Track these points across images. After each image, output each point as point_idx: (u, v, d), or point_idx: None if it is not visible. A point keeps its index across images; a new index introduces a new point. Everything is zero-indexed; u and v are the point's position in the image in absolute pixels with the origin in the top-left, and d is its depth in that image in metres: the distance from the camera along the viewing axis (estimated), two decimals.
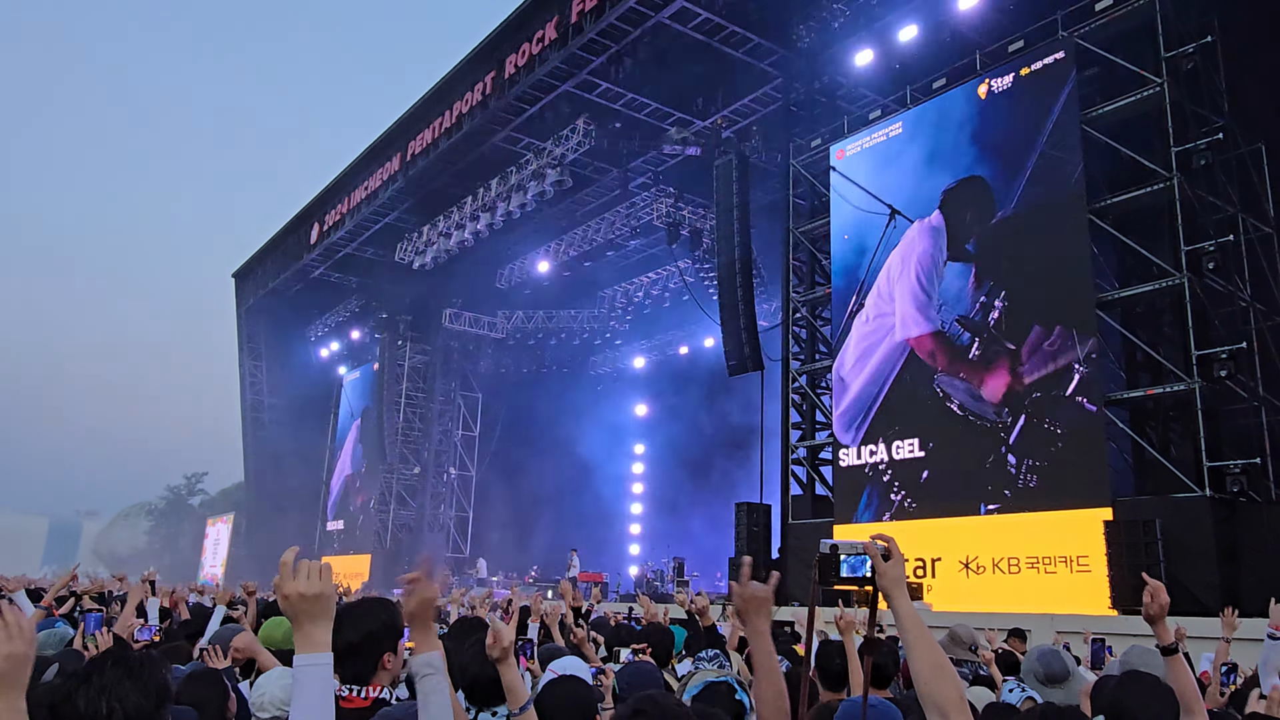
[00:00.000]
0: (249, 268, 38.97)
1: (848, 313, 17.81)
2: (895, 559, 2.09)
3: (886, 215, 17.40)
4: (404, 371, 33.29)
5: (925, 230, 16.67)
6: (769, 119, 21.12)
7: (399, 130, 27.25)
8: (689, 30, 18.99)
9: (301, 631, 1.94)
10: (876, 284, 17.38)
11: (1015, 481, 14.44)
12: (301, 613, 1.95)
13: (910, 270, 16.78)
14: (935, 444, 15.86)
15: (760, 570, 17.90)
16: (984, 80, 16.21)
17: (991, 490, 14.74)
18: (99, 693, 1.89)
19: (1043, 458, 14.13)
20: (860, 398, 17.29)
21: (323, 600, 1.97)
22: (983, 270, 15.62)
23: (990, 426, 14.98)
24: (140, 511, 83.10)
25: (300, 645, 1.93)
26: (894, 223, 17.25)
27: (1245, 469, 12.33)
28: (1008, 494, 14.50)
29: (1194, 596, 11.80)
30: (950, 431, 15.63)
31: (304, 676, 1.91)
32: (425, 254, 27.88)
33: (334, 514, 36.80)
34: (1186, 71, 13.72)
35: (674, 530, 27.31)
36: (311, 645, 1.93)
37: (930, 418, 15.97)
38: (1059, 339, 14.19)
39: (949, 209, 16.34)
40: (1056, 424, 14.02)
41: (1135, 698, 2.77)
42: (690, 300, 24.56)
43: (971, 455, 15.14)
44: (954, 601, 14.35)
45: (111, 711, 1.88)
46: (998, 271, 15.36)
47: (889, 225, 17.33)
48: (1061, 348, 14.14)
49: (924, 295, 16.46)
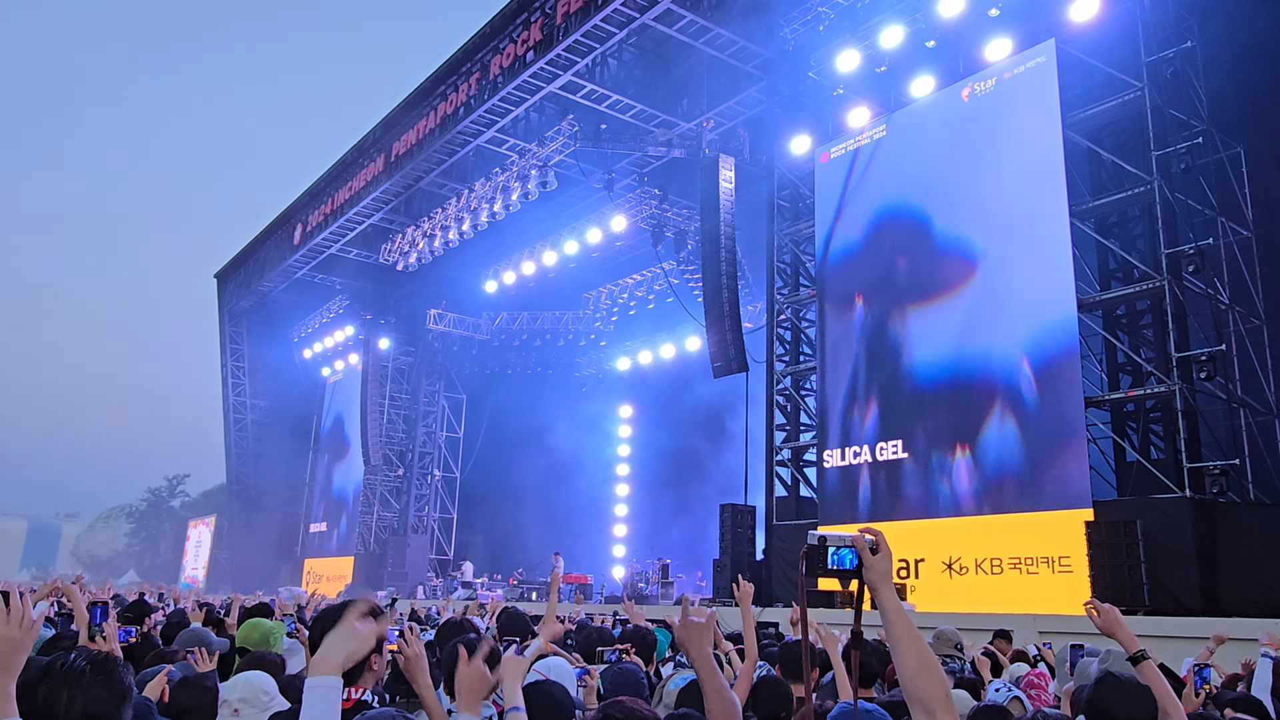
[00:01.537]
0: (231, 268, 38.77)
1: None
2: (883, 553, 2.09)
3: (872, 216, 17.49)
4: (388, 373, 33.20)
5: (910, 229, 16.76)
6: (754, 121, 21.17)
7: (383, 131, 27.19)
8: (674, 32, 19.01)
9: (325, 654, 2.02)
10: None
11: (997, 483, 14.53)
12: (339, 643, 2.06)
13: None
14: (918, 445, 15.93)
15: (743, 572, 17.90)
16: (967, 83, 16.32)
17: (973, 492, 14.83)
18: (60, 684, 1.89)
19: (1025, 459, 14.22)
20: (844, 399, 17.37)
21: (361, 645, 2.09)
22: None
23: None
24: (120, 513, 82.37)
25: (315, 667, 1.99)
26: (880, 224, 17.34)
27: (1224, 470, 12.44)
28: (989, 495, 14.59)
29: (1174, 596, 11.92)
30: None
31: (315, 696, 1.95)
32: (409, 255, 27.82)
33: (316, 516, 36.63)
34: (1167, 76, 13.85)
35: (658, 532, 27.32)
36: (326, 669, 1.99)
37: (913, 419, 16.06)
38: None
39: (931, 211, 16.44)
40: (1039, 425, 14.12)
41: (1111, 696, 2.80)
42: (675, 302, 24.57)
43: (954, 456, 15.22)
44: (937, 602, 14.42)
45: (71, 702, 1.88)
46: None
47: (875, 226, 17.42)
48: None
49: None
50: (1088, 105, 14.63)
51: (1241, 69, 14.30)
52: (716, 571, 18.10)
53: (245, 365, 39.09)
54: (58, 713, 1.87)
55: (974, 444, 14.97)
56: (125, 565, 65.63)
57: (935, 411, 15.69)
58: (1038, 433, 14.10)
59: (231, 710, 2.97)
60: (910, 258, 16.68)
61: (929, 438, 15.74)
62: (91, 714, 1.89)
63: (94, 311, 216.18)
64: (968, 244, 15.75)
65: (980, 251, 15.51)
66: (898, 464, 16.16)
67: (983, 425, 14.91)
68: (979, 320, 15.28)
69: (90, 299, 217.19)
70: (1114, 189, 14.17)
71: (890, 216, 17.18)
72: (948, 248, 16.05)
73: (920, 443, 15.87)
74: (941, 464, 15.42)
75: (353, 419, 34.01)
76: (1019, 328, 14.60)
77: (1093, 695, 2.86)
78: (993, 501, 14.54)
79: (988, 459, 14.73)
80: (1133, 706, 2.77)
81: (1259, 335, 14.44)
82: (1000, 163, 15.44)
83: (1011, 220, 15.06)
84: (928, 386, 15.91)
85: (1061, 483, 13.63)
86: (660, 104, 21.63)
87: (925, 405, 15.89)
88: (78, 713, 1.88)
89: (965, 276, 15.66)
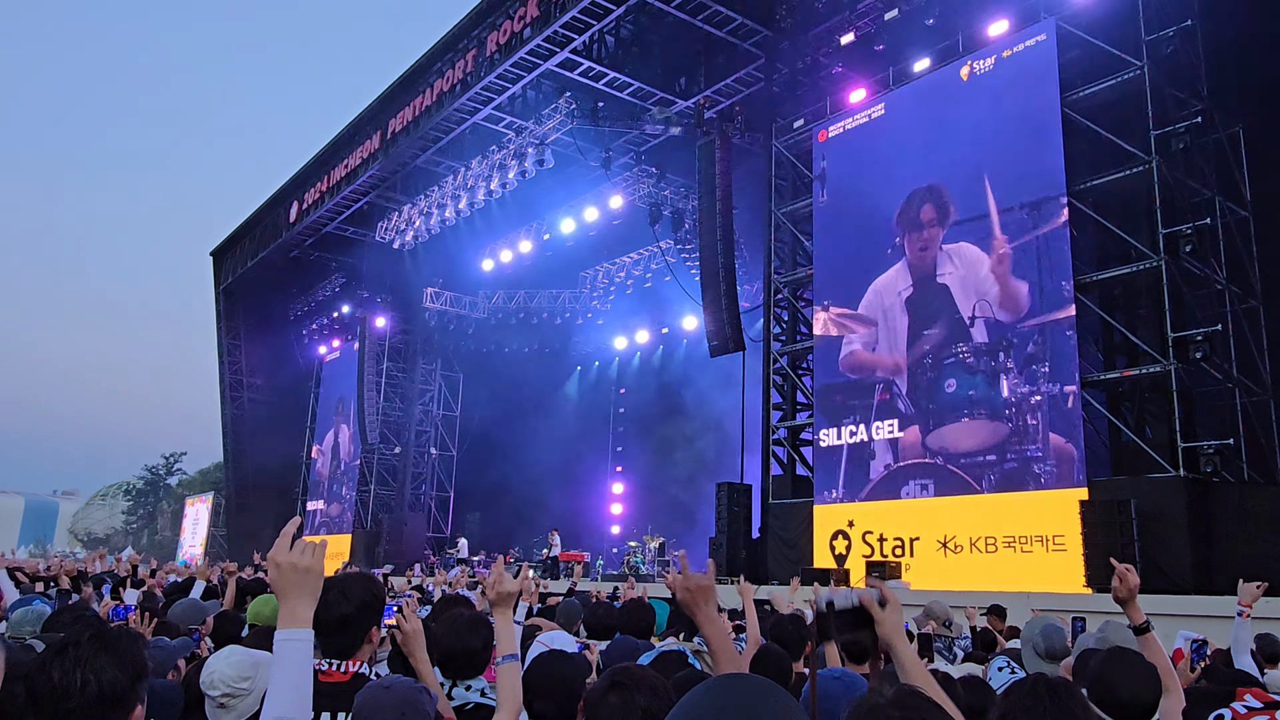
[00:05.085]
0: (227, 245, 38.57)
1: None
2: (891, 605, 2.06)
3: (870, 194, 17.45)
4: (384, 351, 33.13)
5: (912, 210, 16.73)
6: (752, 100, 21.06)
7: (379, 108, 26.99)
8: (672, 9, 18.88)
9: (286, 605, 1.94)
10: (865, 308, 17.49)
11: (992, 461, 14.59)
12: (290, 585, 1.95)
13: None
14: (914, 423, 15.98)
15: (739, 550, 17.92)
16: (966, 62, 16.23)
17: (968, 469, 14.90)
18: (74, 664, 1.86)
19: (1020, 438, 14.28)
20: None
21: (311, 576, 1.97)
22: None
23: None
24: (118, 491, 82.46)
25: (283, 620, 1.93)
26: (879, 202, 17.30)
27: (1219, 450, 12.50)
28: (985, 472, 14.65)
29: (1168, 575, 12.00)
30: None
31: (284, 651, 1.90)
32: (406, 233, 27.71)
33: (314, 494, 36.68)
34: (1166, 55, 13.79)
35: (655, 510, 27.41)
36: (294, 620, 1.93)
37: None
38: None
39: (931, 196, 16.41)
40: (1035, 404, 14.16)
41: (1118, 673, 2.80)
42: (672, 281, 24.53)
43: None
44: (932, 580, 14.50)
45: (86, 683, 1.85)
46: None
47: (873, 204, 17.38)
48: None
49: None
50: (1087, 84, 14.56)
51: (1241, 49, 14.22)
52: (713, 549, 18.18)
53: (242, 343, 38.97)
54: (72, 694, 1.85)
55: (970, 421, 15.01)
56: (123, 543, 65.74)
57: (932, 389, 15.73)
58: (1035, 412, 14.14)
59: (217, 705, 2.95)
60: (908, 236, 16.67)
61: (925, 415, 15.78)
62: (107, 695, 1.87)
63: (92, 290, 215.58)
64: (966, 223, 15.73)
65: (978, 230, 15.50)
66: (893, 443, 16.21)
67: (978, 404, 14.96)
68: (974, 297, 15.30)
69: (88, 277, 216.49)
70: (1112, 168, 14.13)
71: (888, 195, 17.12)
72: (946, 226, 16.05)
73: (916, 420, 15.92)
74: (938, 442, 15.47)
75: (349, 397, 34.00)
76: (974, 332, 14.71)
77: (1100, 670, 2.85)
78: (988, 480, 14.60)
79: (984, 436, 14.78)
80: (1139, 684, 2.77)
81: (1255, 315, 14.45)
82: (999, 142, 15.40)
83: (1010, 199, 15.04)
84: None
85: (1057, 461, 13.69)
86: (658, 82, 21.50)
87: (921, 383, 15.93)
88: (93, 694, 1.86)
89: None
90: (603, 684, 1.97)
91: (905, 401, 16.16)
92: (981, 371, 15.03)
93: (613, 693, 1.92)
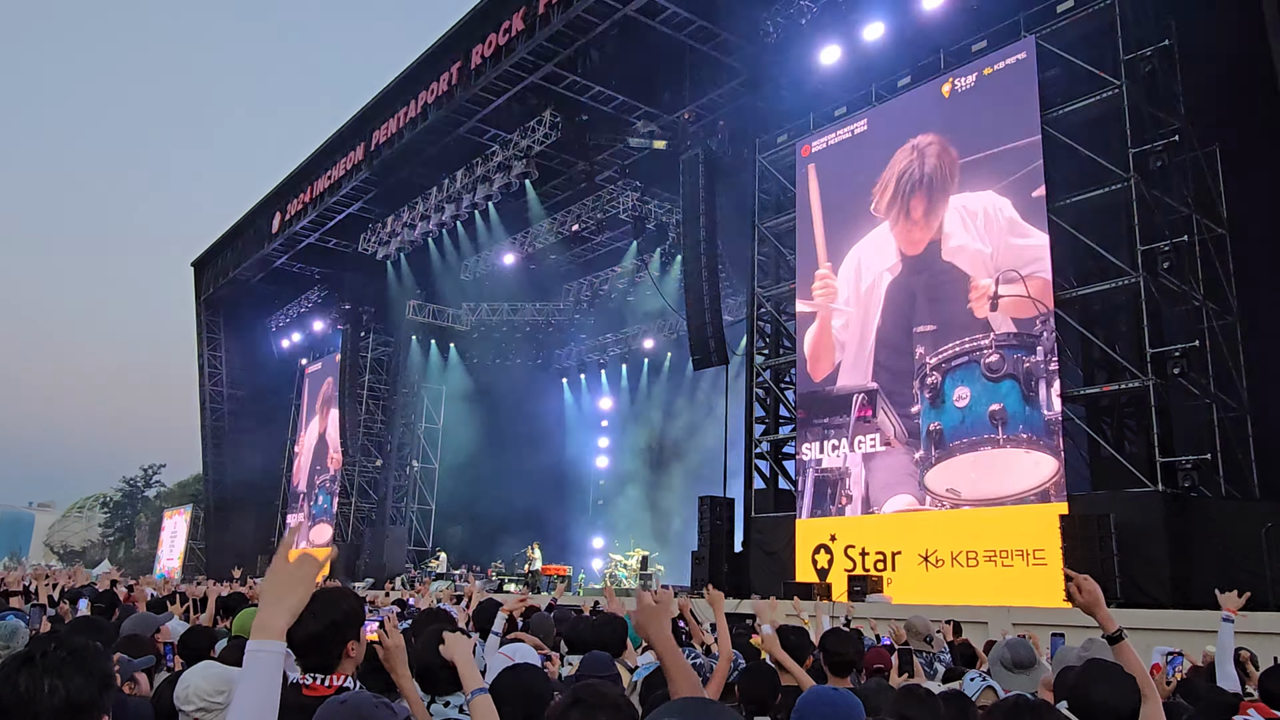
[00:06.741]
0: (209, 256, 38.34)
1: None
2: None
3: (853, 210, 17.56)
4: (367, 363, 32.99)
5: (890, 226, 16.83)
6: (735, 114, 21.15)
7: (363, 119, 26.93)
8: (656, 24, 18.96)
9: (263, 614, 1.91)
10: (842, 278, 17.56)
11: (974, 476, 14.65)
12: (273, 593, 1.94)
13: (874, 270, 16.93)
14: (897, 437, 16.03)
15: (722, 564, 17.90)
16: (948, 79, 16.39)
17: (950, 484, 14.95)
18: (42, 673, 1.85)
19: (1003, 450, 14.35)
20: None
21: (298, 590, 1.96)
22: None
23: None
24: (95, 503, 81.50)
25: (256, 630, 1.90)
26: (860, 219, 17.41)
27: (1197, 465, 12.60)
28: (966, 487, 14.70)
29: (1145, 590, 12.07)
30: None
31: (253, 662, 1.86)
32: (389, 245, 27.64)
33: (294, 506, 36.41)
34: (1144, 74, 13.96)
35: (638, 523, 27.37)
36: (267, 632, 1.90)
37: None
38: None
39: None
40: (1015, 420, 14.24)
41: (1097, 684, 2.81)
42: (655, 294, 24.58)
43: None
44: (914, 594, 14.53)
45: (53, 690, 1.83)
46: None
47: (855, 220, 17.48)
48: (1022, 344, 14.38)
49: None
50: (1066, 102, 14.73)
51: (1218, 68, 14.40)
52: (695, 563, 18.15)
53: (222, 354, 38.68)
54: (40, 701, 1.84)
55: (951, 436, 15.08)
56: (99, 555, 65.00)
57: (914, 404, 15.81)
58: (1015, 425, 14.23)
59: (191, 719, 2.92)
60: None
61: (908, 430, 15.84)
62: (74, 702, 1.86)
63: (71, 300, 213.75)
64: (946, 238, 15.85)
65: (958, 244, 15.62)
66: (873, 456, 16.25)
67: (959, 418, 15.03)
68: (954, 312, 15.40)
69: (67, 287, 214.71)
70: (1091, 185, 14.28)
71: (871, 210, 17.23)
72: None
73: (899, 435, 15.98)
74: (921, 455, 15.53)
75: (331, 409, 33.82)
76: (995, 320, 14.74)
77: (1077, 682, 2.85)
78: (968, 494, 14.66)
79: (964, 450, 14.85)
80: (1118, 696, 2.77)
81: (1232, 332, 14.58)
82: (979, 158, 15.53)
83: (990, 215, 15.17)
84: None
85: (1036, 476, 13.77)
86: (642, 96, 21.58)
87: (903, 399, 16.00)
88: (60, 701, 1.85)
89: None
90: (566, 701, 1.97)
91: (889, 415, 16.21)
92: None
93: (574, 709, 1.92)
